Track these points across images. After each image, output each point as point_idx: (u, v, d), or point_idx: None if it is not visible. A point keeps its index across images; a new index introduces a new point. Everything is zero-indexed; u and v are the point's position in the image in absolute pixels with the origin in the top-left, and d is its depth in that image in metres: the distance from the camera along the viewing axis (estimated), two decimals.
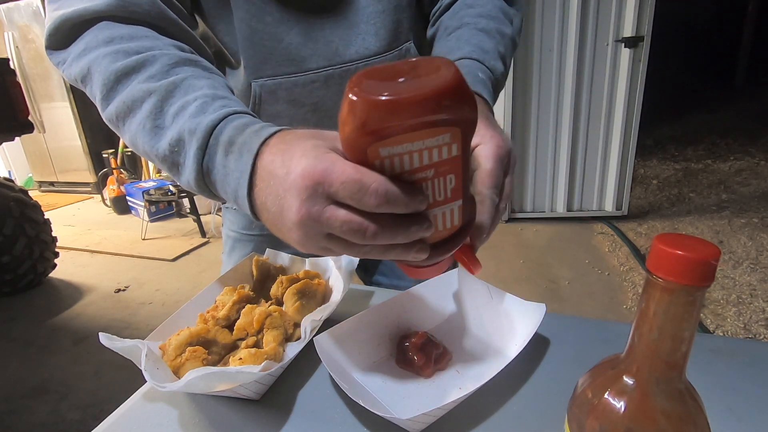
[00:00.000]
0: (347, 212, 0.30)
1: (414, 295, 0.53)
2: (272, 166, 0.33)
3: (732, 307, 1.96)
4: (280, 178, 0.32)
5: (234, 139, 0.36)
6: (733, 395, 0.40)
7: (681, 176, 3.63)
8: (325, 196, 0.30)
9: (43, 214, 2.48)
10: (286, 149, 0.32)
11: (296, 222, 0.31)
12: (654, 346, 0.23)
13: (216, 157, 0.36)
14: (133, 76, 0.40)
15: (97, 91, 0.41)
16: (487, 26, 0.54)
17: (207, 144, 0.36)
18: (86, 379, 1.78)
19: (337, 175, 0.29)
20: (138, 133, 0.39)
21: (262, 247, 0.70)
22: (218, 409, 0.43)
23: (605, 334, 0.49)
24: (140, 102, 0.39)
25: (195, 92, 0.39)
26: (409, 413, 0.36)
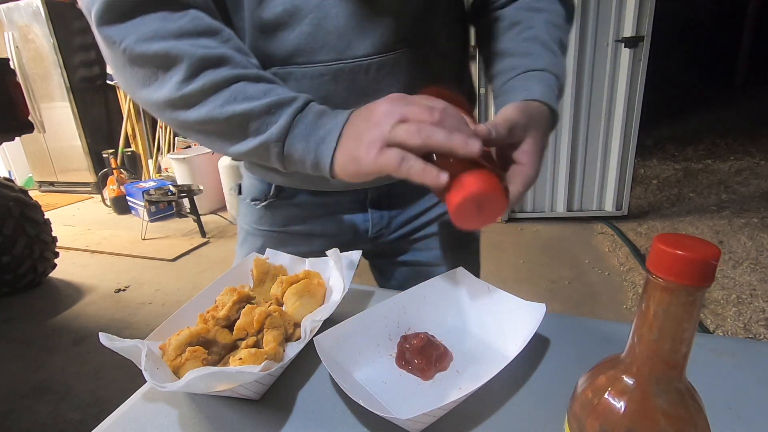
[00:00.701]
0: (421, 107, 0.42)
1: (414, 295, 0.53)
2: (366, 109, 0.44)
3: (732, 307, 1.96)
4: (374, 104, 0.44)
5: (325, 112, 0.47)
6: (733, 395, 0.40)
7: (681, 176, 3.64)
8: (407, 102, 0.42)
9: (43, 214, 2.48)
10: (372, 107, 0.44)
11: (383, 112, 0.42)
12: (654, 347, 0.23)
13: (308, 118, 0.46)
14: (220, 65, 0.46)
15: (179, 71, 0.45)
16: (554, 34, 0.56)
17: (303, 108, 0.46)
18: (86, 379, 1.78)
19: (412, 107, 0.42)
20: (224, 103, 0.45)
21: (270, 243, 0.71)
22: (218, 409, 0.43)
23: (605, 334, 0.50)
24: (229, 83, 0.46)
25: (278, 84, 0.48)
26: (409, 413, 0.36)
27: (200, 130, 0.49)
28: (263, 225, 0.71)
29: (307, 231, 0.69)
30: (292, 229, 0.70)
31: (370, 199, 0.67)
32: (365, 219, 0.68)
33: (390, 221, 0.69)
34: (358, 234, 0.69)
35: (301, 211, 0.68)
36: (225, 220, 3.40)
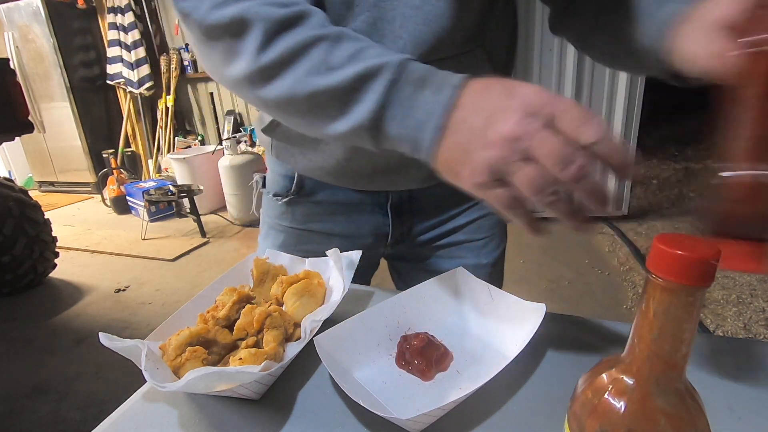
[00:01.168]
0: (560, 140, 0.30)
1: (414, 295, 0.53)
2: (489, 89, 0.34)
3: (732, 306, 1.96)
4: (497, 98, 0.33)
5: (427, 77, 0.37)
6: (733, 395, 0.40)
7: (681, 176, 3.64)
8: (546, 117, 0.31)
9: (43, 214, 2.48)
10: (501, 85, 0.34)
11: (506, 134, 0.31)
12: (654, 347, 0.23)
13: (403, 93, 0.37)
14: (297, 25, 0.40)
15: (254, 38, 0.40)
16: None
17: (399, 79, 0.37)
18: (86, 379, 1.78)
19: (564, 103, 0.30)
20: (304, 76, 0.39)
21: (291, 239, 0.70)
22: (218, 409, 0.43)
23: (605, 334, 0.49)
24: (309, 46, 0.39)
25: (364, 42, 0.40)
26: (409, 413, 0.36)
27: (288, 110, 0.43)
28: (284, 221, 0.71)
29: (326, 230, 0.69)
30: (312, 227, 0.69)
31: (392, 204, 0.66)
32: (385, 223, 0.67)
33: (411, 227, 0.68)
34: (377, 237, 0.69)
35: (321, 209, 0.68)
36: (225, 220, 3.40)
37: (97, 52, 4.12)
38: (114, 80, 4.02)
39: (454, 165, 0.36)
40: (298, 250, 0.70)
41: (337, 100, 0.39)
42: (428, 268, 0.72)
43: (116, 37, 3.85)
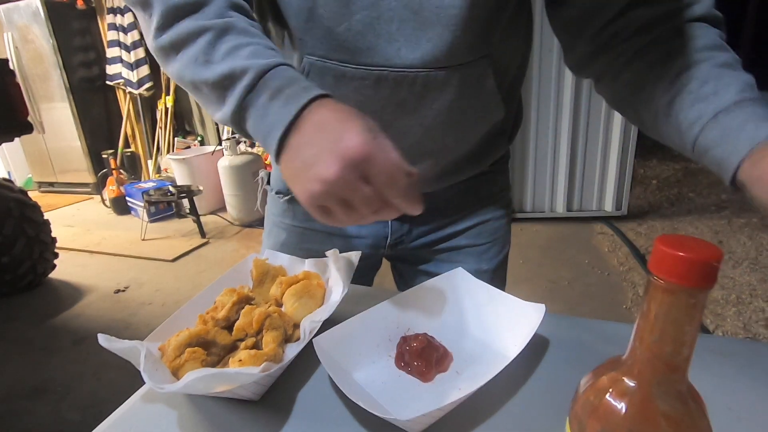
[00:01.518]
0: (372, 189, 0.36)
1: (414, 296, 0.53)
2: (324, 124, 0.37)
3: (732, 307, 1.96)
4: (329, 138, 0.36)
5: (283, 88, 0.39)
6: (733, 395, 0.40)
7: (680, 176, 3.64)
8: (362, 171, 0.35)
9: (42, 214, 2.48)
10: (343, 118, 0.37)
11: (326, 178, 0.35)
12: (655, 349, 0.23)
13: (259, 99, 0.40)
14: (191, 14, 0.43)
15: (155, 19, 0.43)
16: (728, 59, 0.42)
17: (255, 85, 0.40)
18: (86, 380, 1.78)
19: (382, 162, 0.35)
20: (188, 63, 0.43)
21: (292, 238, 0.70)
22: (217, 410, 0.43)
23: (605, 334, 0.49)
24: (195, 36, 0.42)
25: (248, 38, 0.42)
26: (408, 414, 0.36)
27: (186, 89, 0.46)
28: (286, 219, 0.71)
29: (327, 230, 0.69)
30: (313, 225, 0.69)
31: None
32: (384, 225, 0.67)
33: (410, 229, 0.68)
34: (376, 238, 0.69)
35: None
36: (224, 220, 3.40)
37: (97, 53, 4.12)
38: (113, 81, 4.02)
39: (289, 180, 0.40)
40: (300, 249, 0.70)
41: (213, 93, 0.42)
42: (429, 271, 0.71)
43: (116, 38, 3.85)
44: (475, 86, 0.52)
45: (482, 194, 0.69)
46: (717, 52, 0.43)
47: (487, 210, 0.69)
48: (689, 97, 0.42)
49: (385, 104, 0.51)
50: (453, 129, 0.56)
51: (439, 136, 0.56)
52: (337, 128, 0.36)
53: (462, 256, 0.70)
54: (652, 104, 0.46)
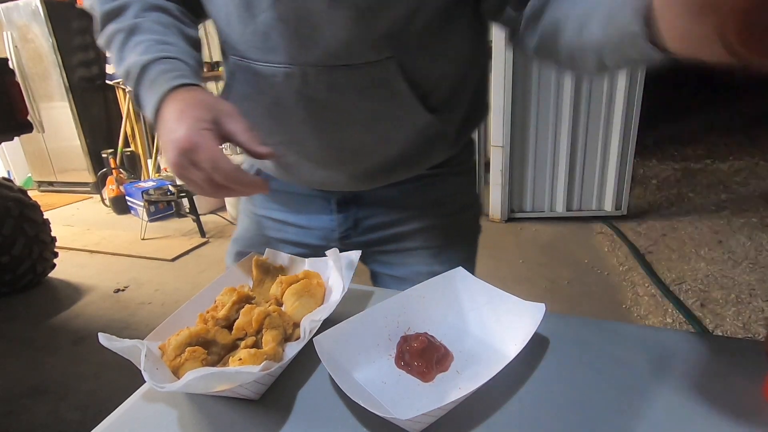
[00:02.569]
0: (202, 174, 0.45)
1: (414, 295, 0.53)
2: (168, 116, 0.46)
3: (731, 306, 1.96)
4: (167, 128, 0.46)
5: (156, 80, 0.48)
6: (732, 395, 0.40)
7: (680, 176, 3.64)
8: (190, 159, 0.44)
9: (42, 214, 2.48)
10: (183, 109, 0.45)
11: (169, 161, 0.46)
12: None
13: (143, 89, 0.49)
14: (114, 18, 0.53)
15: (96, 26, 0.54)
16: None
17: (140, 79, 0.49)
18: (85, 380, 1.78)
19: (205, 151, 0.44)
20: (114, 61, 0.53)
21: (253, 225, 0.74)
22: (218, 409, 0.43)
23: (605, 334, 0.49)
24: (113, 37, 0.52)
25: (148, 35, 0.51)
26: (409, 413, 0.36)
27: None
28: (249, 205, 0.75)
29: (282, 219, 0.72)
30: (269, 214, 0.72)
31: (338, 201, 0.68)
32: (330, 219, 0.69)
33: (356, 223, 0.69)
34: (325, 231, 0.70)
35: (275, 197, 0.71)
36: (224, 220, 3.40)
37: (97, 52, 4.11)
38: (113, 80, 4.02)
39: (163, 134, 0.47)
40: (259, 235, 0.73)
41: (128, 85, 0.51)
42: (387, 271, 0.73)
43: None
44: (384, 87, 0.53)
45: (429, 197, 0.68)
46: None
47: (439, 213, 0.69)
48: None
49: (297, 99, 0.54)
50: (369, 128, 0.57)
51: (357, 135, 0.57)
52: (173, 120, 0.45)
53: (416, 258, 0.70)
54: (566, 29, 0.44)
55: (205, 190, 0.47)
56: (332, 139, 0.58)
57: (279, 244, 0.72)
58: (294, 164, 0.63)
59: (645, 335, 0.49)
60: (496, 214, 3.04)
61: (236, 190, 0.47)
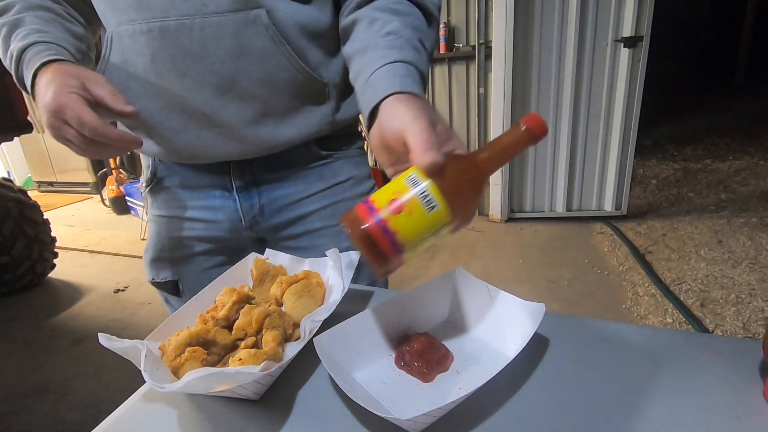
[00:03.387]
0: (73, 131, 0.51)
1: (414, 295, 0.53)
2: (39, 88, 0.52)
3: (731, 306, 1.96)
4: (39, 95, 0.52)
5: (30, 60, 0.54)
6: (732, 395, 0.40)
7: (680, 176, 3.64)
8: (61, 119, 0.50)
9: (42, 214, 2.48)
10: (50, 80, 0.51)
11: (46, 124, 0.51)
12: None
13: (23, 71, 0.55)
14: (3, 14, 0.58)
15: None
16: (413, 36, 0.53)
17: (20, 62, 0.55)
18: (85, 380, 1.78)
19: (71, 110, 0.49)
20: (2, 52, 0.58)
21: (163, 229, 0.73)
22: (218, 409, 0.43)
23: (605, 334, 0.49)
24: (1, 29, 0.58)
25: (28, 26, 0.56)
26: (408, 413, 0.36)
27: None
28: (153, 210, 0.75)
29: (188, 216, 0.71)
30: (174, 213, 0.72)
31: (236, 184, 0.68)
32: (235, 209, 0.69)
33: (262, 207, 0.69)
34: (232, 222, 0.70)
35: (176, 195, 0.71)
36: None
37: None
38: None
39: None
40: (169, 237, 0.73)
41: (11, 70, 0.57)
42: (299, 256, 0.72)
43: None
44: (254, 37, 0.57)
45: (326, 176, 0.71)
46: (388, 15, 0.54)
47: (338, 190, 0.71)
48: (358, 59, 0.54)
49: (174, 53, 0.57)
50: (249, 77, 0.59)
51: (239, 84, 0.59)
52: (44, 88, 0.51)
53: (323, 239, 0.71)
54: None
55: (81, 148, 0.52)
56: (216, 89, 0.59)
57: (190, 242, 0.72)
58: (180, 131, 0.63)
59: (645, 335, 0.49)
60: (496, 214, 3.04)
61: (110, 147, 0.52)
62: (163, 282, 0.77)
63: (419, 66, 0.50)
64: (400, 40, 0.51)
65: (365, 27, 0.55)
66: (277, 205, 0.70)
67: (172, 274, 0.76)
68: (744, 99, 5.99)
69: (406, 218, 0.39)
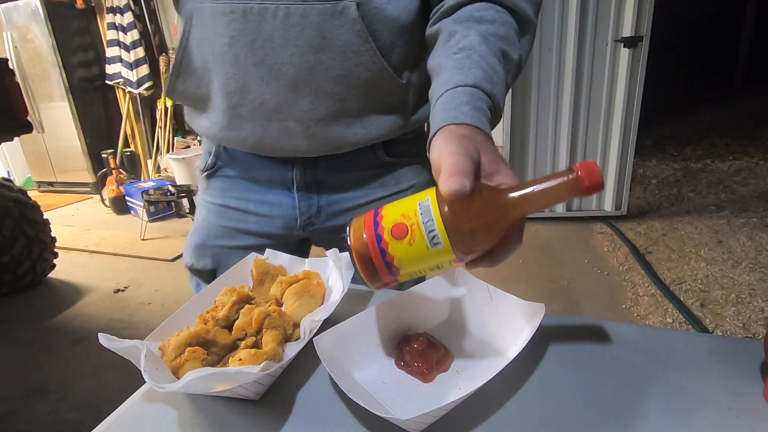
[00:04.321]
0: None
1: (414, 295, 0.53)
2: None
3: (731, 306, 1.96)
4: None
5: None
6: (732, 395, 0.40)
7: (680, 176, 3.64)
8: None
9: (42, 214, 2.48)
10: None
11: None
12: None
13: None
14: None
15: None
16: (496, 47, 0.49)
17: None
18: (85, 380, 1.78)
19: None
20: None
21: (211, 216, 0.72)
22: (217, 409, 0.43)
23: (605, 334, 0.49)
24: None
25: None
26: (409, 413, 0.36)
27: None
28: (206, 195, 0.73)
29: (242, 207, 0.70)
30: (228, 202, 0.71)
31: (297, 183, 0.67)
32: (293, 205, 0.68)
33: (320, 209, 0.68)
34: (287, 219, 0.69)
35: (235, 184, 0.70)
36: None
37: (96, 52, 4.11)
38: (113, 80, 4.01)
39: None
40: (218, 226, 0.72)
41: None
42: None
43: (115, 37, 3.85)
44: (339, 30, 0.54)
45: (389, 182, 0.69)
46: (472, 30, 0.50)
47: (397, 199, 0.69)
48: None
49: (254, 38, 0.54)
50: (327, 72, 0.56)
51: (315, 78, 0.56)
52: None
53: None
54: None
55: None
56: (291, 80, 0.56)
57: (238, 234, 0.71)
58: (249, 118, 0.61)
59: (645, 335, 0.49)
60: None
61: None
62: (201, 269, 0.74)
63: (486, 86, 0.45)
64: (471, 58, 0.47)
65: (443, 43, 0.52)
66: (336, 209, 0.69)
67: (212, 263, 0.73)
68: (744, 99, 5.99)
69: (407, 247, 0.36)
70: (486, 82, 0.46)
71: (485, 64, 0.47)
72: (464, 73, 0.46)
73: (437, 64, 0.50)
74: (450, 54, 0.49)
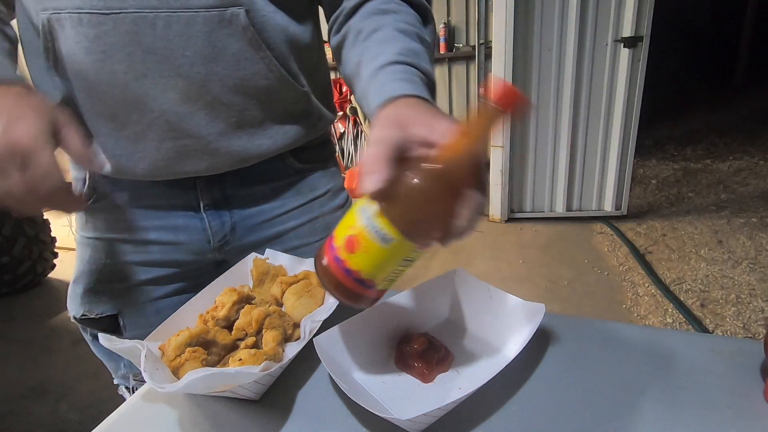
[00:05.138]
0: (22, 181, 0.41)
1: (414, 296, 0.53)
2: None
3: (731, 306, 1.96)
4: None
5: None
6: (732, 395, 0.40)
7: (680, 176, 3.64)
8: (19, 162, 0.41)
9: (42, 214, 2.48)
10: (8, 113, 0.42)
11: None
12: None
13: None
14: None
15: None
16: (407, 29, 0.49)
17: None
18: (85, 380, 1.78)
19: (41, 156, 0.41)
20: None
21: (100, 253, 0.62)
22: (218, 409, 0.43)
23: (604, 334, 0.50)
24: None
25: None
26: (409, 414, 0.36)
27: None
28: (87, 232, 0.63)
29: (138, 237, 0.61)
30: (120, 235, 0.61)
31: (204, 202, 0.60)
32: (203, 227, 0.61)
33: (234, 226, 0.62)
34: (198, 243, 0.62)
35: (123, 214, 0.61)
36: None
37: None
38: None
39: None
40: (111, 264, 0.62)
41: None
42: None
43: None
44: (229, 39, 0.50)
45: (302, 190, 0.66)
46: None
47: (314, 206, 0.67)
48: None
49: (131, 51, 0.48)
50: (222, 83, 0.52)
51: (210, 91, 0.52)
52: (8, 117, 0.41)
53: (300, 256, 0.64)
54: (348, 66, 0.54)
55: (17, 199, 0.42)
56: (181, 94, 0.51)
57: (139, 269, 0.62)
58: (137, 141, 0.54)
59: (645, 335, 0.49)
60: (496, 215, 3.04)
61: (53, 205, 0.45)
62: (98, 318, 0.63)
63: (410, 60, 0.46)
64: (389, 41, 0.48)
65: (354, 40, 0.52)
66: (252, 222, 0.63)
67: (111, 307, 0.63)
68: (744, 99, 5.99)
69: (364, 256, 0.35)
70: (408, 57, 0.46)
71: (402, 46, 0.47)
72: (385, 56, 0.46)
73: (356, 61, 0.50)
74: (367, 45, 0.49)
